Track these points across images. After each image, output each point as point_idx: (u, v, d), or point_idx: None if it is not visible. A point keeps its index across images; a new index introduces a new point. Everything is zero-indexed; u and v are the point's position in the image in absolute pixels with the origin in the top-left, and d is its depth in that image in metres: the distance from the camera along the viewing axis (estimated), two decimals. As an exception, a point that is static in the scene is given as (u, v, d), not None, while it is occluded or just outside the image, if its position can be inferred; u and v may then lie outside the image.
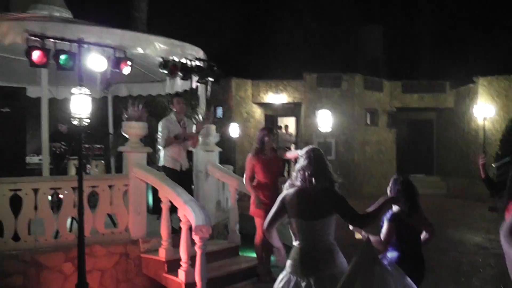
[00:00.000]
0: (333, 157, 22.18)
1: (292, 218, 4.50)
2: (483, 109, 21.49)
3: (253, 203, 7.86)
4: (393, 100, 25.50)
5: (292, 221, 4.53)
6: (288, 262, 4.48)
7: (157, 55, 9.20)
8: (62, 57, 7.14)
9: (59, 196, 7.80)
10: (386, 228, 5.15)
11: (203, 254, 6.76)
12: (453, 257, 10.57)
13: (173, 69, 9.53)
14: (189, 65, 10.03)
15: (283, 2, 29.97)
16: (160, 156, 9.16)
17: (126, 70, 8.59)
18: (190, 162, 10.32)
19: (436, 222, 6.32)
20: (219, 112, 23.14)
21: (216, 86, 11.36)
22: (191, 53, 10.14)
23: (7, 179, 7.22)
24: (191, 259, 7.06)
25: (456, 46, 28.82)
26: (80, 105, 6.35)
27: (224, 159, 10.68)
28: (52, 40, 7.20)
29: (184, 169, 9.10)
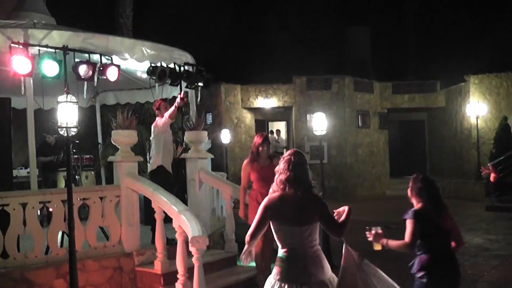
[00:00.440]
0: (325, 160, 21.93)
1: (278, 224, 4.40)
2: (475, 108, 21.39)
3: (251, 212, 7.62)
4: (383, 101, 25.39)
5: (278, 227, 4.42)
6: (276, 269, 4.41)
7: (144, 61, 8.98)
8: (47, 64, 6.90)
9: (49, 209, 7.49)
10: (410, 227, 4.69)
11: (200, 266, 6.54)
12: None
13: (161, 75, 9.32)
14: (177, 71, 9.83)
15: (270, 6, 29.86)
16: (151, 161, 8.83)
17: (113, 76, 8.37)
18: (183, 170, 10.09)
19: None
20: (209, 118, 22.91)
21: (205, 92, 11.17)
22: (179, 58, 9.98)
23: (-7, 193, 6.92)
24: (188, 271, 6.82)
25: (446, 45, 28.85)
26: (67, 114, 6.06)
27: (215, 165, 10.46)
28: (36, 47, 6.97)
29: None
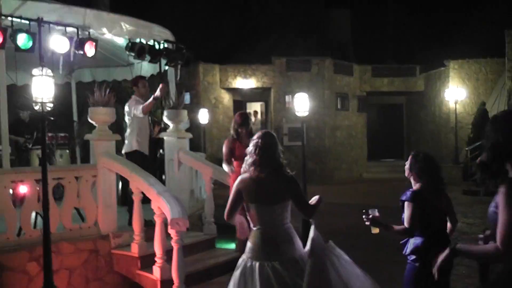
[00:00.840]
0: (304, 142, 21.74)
1: (251, 203, 4.45)
2: (454, 93, 21.48)
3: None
4: (363, 84, 25.41)
5: (250, 206, 4.47)
6: (249, 245, 4.45)
7: (123, 36, 8.69)
8: (21, 37, 6.59)
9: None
10: (408, 210, 4.47)
11: (180, 249, 6.32)
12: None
13: (140, 52, 9.05)
14: (157, 48, 9.56)
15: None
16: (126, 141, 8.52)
17: (90, 52, 8.08)
18: (161, 150, 9.85)
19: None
20: (187, 98, 22.59)
21: (184, 71, 10.90)
22: (159, 34, 9.73)
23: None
24: (167, 254, 6.64)
25: (426, 30, 28.80)
26: (42, 89, 5.77)
27: (193, 146, 10.26)
28: (9, 18, 6.65)
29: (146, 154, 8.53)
